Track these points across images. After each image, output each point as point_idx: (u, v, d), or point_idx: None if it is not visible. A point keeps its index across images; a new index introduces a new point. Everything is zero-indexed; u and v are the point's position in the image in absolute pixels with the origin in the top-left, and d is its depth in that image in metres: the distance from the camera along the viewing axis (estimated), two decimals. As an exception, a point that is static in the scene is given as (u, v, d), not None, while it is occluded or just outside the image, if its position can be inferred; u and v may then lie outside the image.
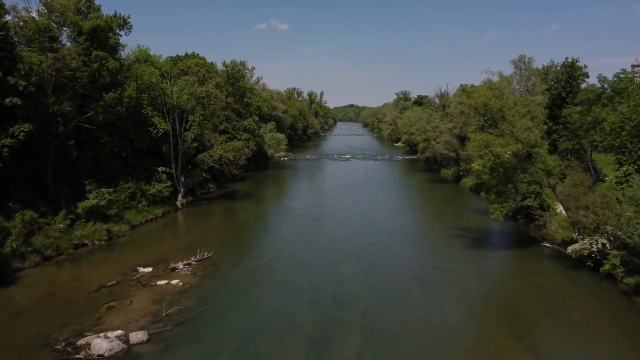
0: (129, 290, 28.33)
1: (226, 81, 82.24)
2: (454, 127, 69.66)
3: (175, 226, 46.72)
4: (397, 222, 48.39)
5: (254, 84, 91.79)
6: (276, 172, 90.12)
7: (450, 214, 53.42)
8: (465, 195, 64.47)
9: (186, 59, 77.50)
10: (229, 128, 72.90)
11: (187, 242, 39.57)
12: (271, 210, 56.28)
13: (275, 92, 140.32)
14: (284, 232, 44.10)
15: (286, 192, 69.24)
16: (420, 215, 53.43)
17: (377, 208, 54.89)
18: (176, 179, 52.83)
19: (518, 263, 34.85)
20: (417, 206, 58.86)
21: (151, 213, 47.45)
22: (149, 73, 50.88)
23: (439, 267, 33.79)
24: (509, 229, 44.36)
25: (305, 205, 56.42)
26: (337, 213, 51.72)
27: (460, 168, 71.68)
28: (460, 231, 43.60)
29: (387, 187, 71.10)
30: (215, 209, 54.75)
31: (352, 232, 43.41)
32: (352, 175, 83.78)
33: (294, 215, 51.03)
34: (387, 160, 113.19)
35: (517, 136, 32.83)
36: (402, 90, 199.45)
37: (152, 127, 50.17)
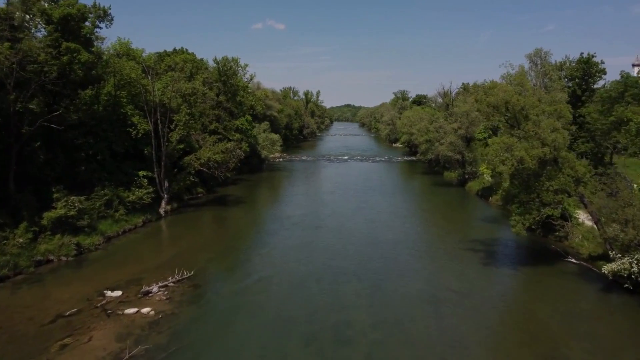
0: (90, 322, 23.84)
1: (217, 79, 77.82)
2: (459, 127, 65.40)
3: (155, 238, 42.18)
4: (401, 232, 44.06)
5: (247, 82, 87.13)
6: (270, 174, 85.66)
7: (458, 223, 49.15)
8: (472, 201, 60.25)
9: (174, 54, 72.93)
10: (219, 128, 68.35)
11: (167, 258, 35.09)
12: (264, 217, 51.83)
13: (270, 91, 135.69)
14: (278, 244, 39.69)
15: (281, 197, 64.81)
16: (426, 224, 49.10)
17: (378, 216, 50.55)
18: (159, 184, 48.30)
19: (542, 283, 30.58)
20: (422, 213, 54.52)
21: (130, 222, 42.91)
22: (129, 68, 46.28)
23: (453, 287, 29.46)
24: (525, 241, 40.10)
25: (302, 212, 52.03)
26: (336, 221, 47.33)
27: (465, 171, 67.43)
28: (471, 243, 39.34)
29: (388, 192, 66.78)
30: (203, 216, 50.25)
31: (352, 244, 39.05)
32: (351, 178, 79.42)
33: (289, 223, 46.63)
34: (386, 162, 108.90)
35: (543, 138, 28.52)
36: (400, 90, 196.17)
37: (131, 127, 45.61)
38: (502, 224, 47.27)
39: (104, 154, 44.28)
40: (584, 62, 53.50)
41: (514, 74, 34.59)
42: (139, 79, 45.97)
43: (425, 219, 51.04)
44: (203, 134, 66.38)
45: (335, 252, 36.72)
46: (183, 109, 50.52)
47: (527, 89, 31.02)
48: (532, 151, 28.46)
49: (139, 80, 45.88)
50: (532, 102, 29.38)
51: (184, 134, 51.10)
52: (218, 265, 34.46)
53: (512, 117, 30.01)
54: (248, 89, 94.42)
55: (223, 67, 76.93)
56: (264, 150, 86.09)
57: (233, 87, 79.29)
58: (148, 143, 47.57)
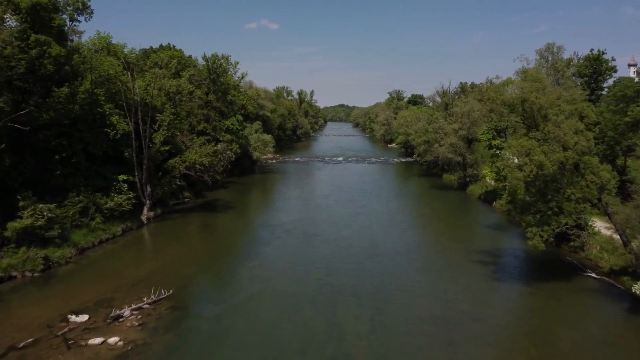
0: (48, 356, 20.42)
1: (207, 77, 74.36)
2: (460, 128, 62.38)
3: (135, 248, 38.65)
4: (402, 241, 40.89)
5: (238, 80, 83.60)
6: (263, 177, 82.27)
7: (462, 230, 46.05)
8: (475, 205, 57.24)
9: (160, 51, 69.29)
10: (208, 129, 64.87)
11: (145, 272, 31.67)
12: (255, 225, 48.46)
13: (262, 90, 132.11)
14: (269, 255, 36.38)
15: (273, 202, 61.45)
16: (427, 231, 45.94)
17: (376, 222, 47.35)
18: (140, 188, 44.78)
19: (562, 303, 27.51)
20: (422, 219, 51.36)
21: (107, 232, 39.41)
22: (108, 64, 42.69)
23: (463, 308, 26.32)
24: (536, 251, 37.05)
25: (295, 219, 48.73)
26: (332, 229, 44.08)
27: (466, 173, 64.44)
28: (478, 254, 36.25)
29: (386, 195, 63.65)
30: (189, 224, 46.76)
31: (350, 256, 35.81)
32: (346, 181, 76.21)
33: (281, 231, 43.33)
34: (382, 163, 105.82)
35: (564, 141, 25.43)
36: (395, 89, 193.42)
37: (110, 127, 42.06)
38: (509, 231, 44.28)
39: (80, 156, 40.68)
40: (593, 59, 50.63)
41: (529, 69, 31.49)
42: (118, 75, 42.36)
43: (426, 226, 47.90)
44: (191, 135, 63.02)
45: (331, 265, 33.45)
46: (167, 108, 47.07)
47: (545, 85, 27.95)
48: (552, 155, 25.37)
49: (118, 77, 42.28)
50: (552, 100, 26.31)
51: (168, 135, 47.66)
52: (201, 282, 31.07)
53: (529, 117, 26.93)
54: (239, 87, 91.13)
55: (212, 64, 73.46)
56: (256, 152, 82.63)
57: (223, 86, 75.86)
58: (129, 145, 44.09)
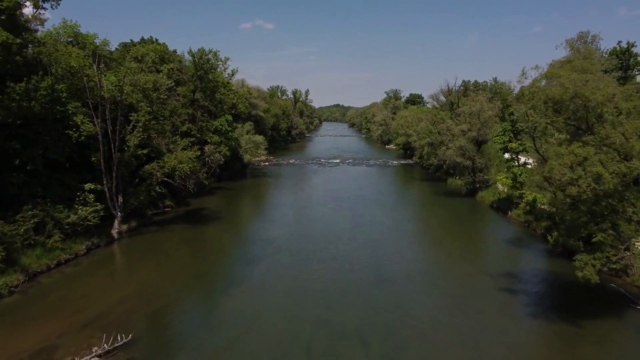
0: None
1: (193, 73, 68.59)
2: (469, 129, 57.02)
3: (99, 272, 32.84)
4: (411, 260, 35.44)
5: (228, 77, 77.80)
6: (254, 181, 76.54)
7: (479, 246, 40.64)
8: (487, 215, 51.83)
9: (141, 44, 63.54)
10: (193, 130, 59.11)
11: (104, 306, 25.99)
12: (243, 239, 42.77)
13: (255, 89, 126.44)
14: (258, 281, 30.77)
15: (265, 211, 55.74)
16: (440, 248, 40.32)
17: (380, 236, 41.87)
18: (110, 199, 39.06)
19: (617, 346, 22.14)
20: (432, 233, 45.77)
21: (67, 251, 33.68)
22: (73, 55, 36.78)
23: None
24: (567, 274, 31.72)
25: (289, 232, 43.17)
26: (330, 245, 38.54)
27: (476, 179, 59.07)
28: (503, 278, 30.86)
29: (388, 203, 58.16)
30: (167, 238, 41.00)
31: (352, 282, 30.27)
32: (344, 186, 70.66)
33: (273, 248, 37.78)
34: (381, 166, 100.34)
35: (627, 148, 20.04)
36: (392, 89, 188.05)
37: (72, 129, 36.29)
38: (531, 247, 38.91)
39: (38, 162, 34.95)
40: (621, 52, 45.32)
41: (575, 59, 26.03)
42: (82, 68, 36.52)
43: (437, 241, 42.36)
44: (174, 137, 57.36)
45: (330, 295, 27.88)
46: (142, 106, 41.35)
47: (598, 78, 22.56)
48: (611, 166, 19.97)
49: (82, 71, 36.46)
50: (608, 95, 20.92)
51: (144, 137, 41.93)
52: (172, 321, 25.35)
53: (580, 118, 21.54)
54: (230, 85, 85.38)
55: (199, 60, 67.62)
56: (247, 154, 76.92)
57: (211, 83, 70.11)
58: (97, 149, 38.36)
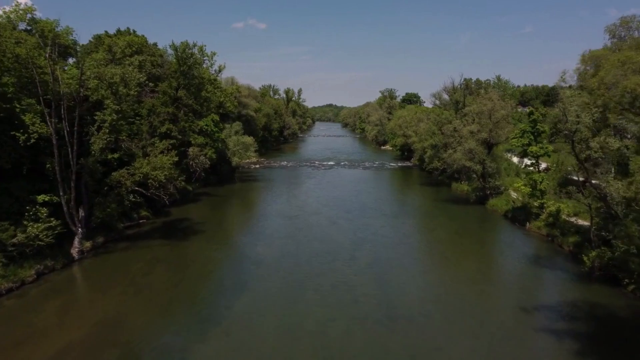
0: None
1: (176, 69, 62.68)
2: (480, 130, 51.66)
3: (49, 305, 26.83)
4: (427, 291, 29.92)
5: (215, 74, 71.94)
6: (243, 186, 70.62)
7: (502, 270, 35.09)
8: (502, 227, 46.45)
9: (117, 36, 57.46)
10: (173, 131, 53.17)
11: (49, 355, 20.16)
12: (227, 260, 36.86)
13: (246, 88, 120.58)
14: (240, 319, 25.10)
15: (253, 222, 49.86)
16: (458, 273, 34.14)
17: (385, 256, 36.35)
18: (68, 212, 33.12)
19: None
20: (445, 252, 39.60)
21: (10, 279, 27.76)
22: (15, 41, 30.77)
23: None
24: (618, 306, 26.40)
25: (279, 251, 37.53)
26: (327, 268, 32.91)
27: (487, 185, 53.71)
28: (542, 314, 25.52)
29: (389, 212, 52.63)
30: (139, 258, 35.04)
31: (357, 323, 24.66)
32: (340, 191, 65.07)
33: (260, 271, 32.15)
34: (378, 169, 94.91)
35: None
36: (387, 88, 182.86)
37: (20, 130, 30.31)
38: (561, 268, 33.57)
39: (-24, 171, 29.06)
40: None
41: (618, 47, 20.61)
42: (31, 58, 30.52)
43: (451, 261, 36.73)
44: (151, 139, 51.48)
45: (331, 341, 22.23)
46: (109, 104, 35.46)
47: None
48: None
49: (31, 60, 30.46)
50: None
51: (111, 140, 36.07)
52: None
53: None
54: (217, 83, 79.47)
55: (182, 54, 61.73)
56: (235, 157, 70.97)
57: (196, 80, 64.27)
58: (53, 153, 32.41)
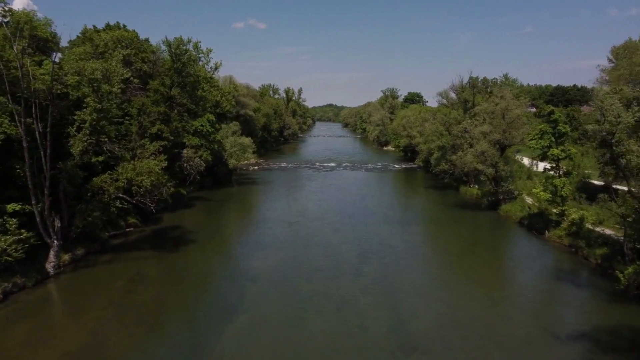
0: None
1: (170, 67, 59.33)
2: (492, 131, 48.30)
3: (15, 331, 23.43)
4: (446, 315, 26.51)
5: (211, 72, 68.59)
6: (241, 189, 67.24)
7: (526, 288, 31.48)
8: (519, 235, 43.05)
9: (105, 31, 54.07)
10: (164, 131, 49.80)
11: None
12: (219, 275, 33.41)
13: (244, 87, 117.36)
14: (229, 354, 21.75)
15: (250, 230, 46.38)
16: (477, 290, 30.10)
17: (396, 272, 33.00)
18: (42, 223, 29.75)
19: None
20: (460, 265, 35.56)
21: (-30, 301, 24.46)
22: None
23: None
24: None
25: (277, 263, 34.18)
26: (331, 286, 29.55)
27: (499, 189, 50.29)
28: (583, 345, 22.13)
29: (396, 219, 49.20)
30: (122, 273, 31.58)
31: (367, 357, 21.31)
32: (343, 195, 61.71)
33: (255, 291, 28.82)
34: (381, 170, 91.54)
35: None
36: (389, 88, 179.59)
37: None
38: (592, 285, 30.17)
39: None
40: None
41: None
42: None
43: (467, 276, 33.09)
44: (141, 140, 48.14)
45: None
46: (89, 102, 32.09)
47: None
48: None
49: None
50: None
51: (92, 142, 32.71)
52: None
53: None
54: (213, 81, 76.14)
55: (176, 50, 58.37)
56: (232, 159, 67.56)
57: (191, 78, 60.92)
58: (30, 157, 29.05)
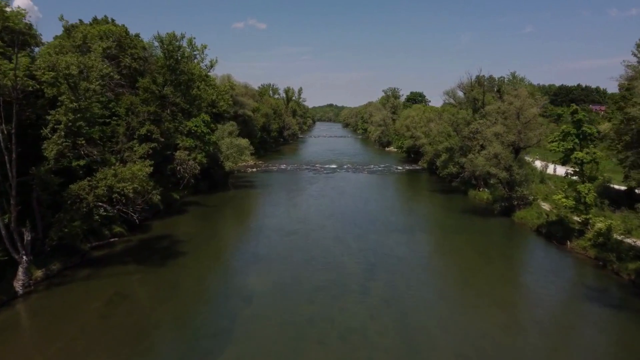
0: None
1: (163, 64, 56.01)
2: (507, 131, 44.91)
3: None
4: (469, 344, 23.11)
5: (207, 69, 65.24)
6: (237, 194, 63.74)
7: (558, 310, 28.15)
8: (538, 245, 39.65)
9: (92, 26, 50.64)
10: (154, 132, 46.35)
11: None
12: (208, 295, 29.98)
13: (243, 86, 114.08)
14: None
15: (244, 241, 42.78)
16: (503, 315, 26.41)
17: (408, 290, 29.61)
18: (8, 237, 26.37)
19: None
20: (478, 281, 31.91)
21: None
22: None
23: None
24: None
25: (274, 281, 30.81)
26: (334, 307, 26.19)
27: (513, 195, 46.85)
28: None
29: (404, 227, 45.74)
30: (98, 293, 28.07)
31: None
32: (345, 200, 58.31)
33: (248, 314, 25.46)
34: (384, 172, 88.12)
35: None
36: (390, 87, 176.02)
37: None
38: (631, 307, 26.71)
39: None
40: None
41: None
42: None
43: (488, 295, 29.55)
44: (129, 142, 44.78)
45: None
46: (64, 100, 28.72)
47: None
48: None
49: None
50: None
51: (68, 145, 29.33)
52: None
53: None
54: (209, 79, 72.77)
55: (168, 46, 55.05)
56: (229, 161, 64.12)
57: (185, 76, 57.53)
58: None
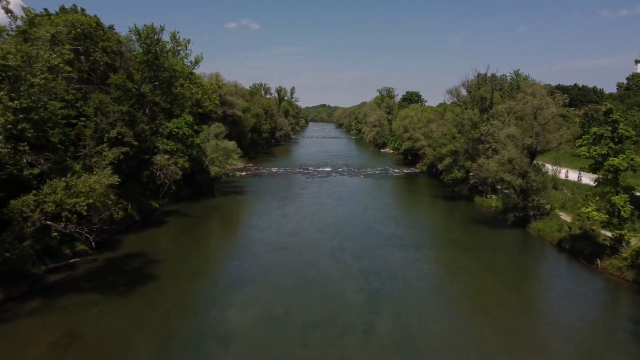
0: None
1: (141, 59, 50.78)
2: (522, 134, 40.22)
3: None
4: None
5: (191, 66, 60.16)
6: (224, 201, 58.47)
7: (598, 348, 23.55)
8: (562, 264, 34.98)
9: (58, 16, 45.34)
10: (126, 135, 41.05)
11: None
12: (175, 344, 25.06)
13: (232, 85, 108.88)
14: None
15: (228, 259, 37.65)
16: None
17: (419, 327, 24.79)
18: None
19: None
20: (501, 313, 27.60)
21: None
22: None
23: None
24: None
25: (259, 319, 25.84)
26: (335, 352, 21.30)
27: (529, 204, 42.14)
28: None
29: (409, 242, 40.88)
30: (45, 333, 22.96)
31: None
32: (341, 209, 53.36)
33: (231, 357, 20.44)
34: (381, 176, 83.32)
35: None
36: (385, 87, 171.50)
37: None
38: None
39: None
40: None
41: None
42: None
43: (515, 333, 25.01)
44: (98, 146, 39.63)
45: None
46: (2, 96, 23.52)
47: None
48: None
49: None
50: None
51: (8, 151, 24.13)
52: None
53: None
54: (194, 77, 67.67)
55: (145, 39, 49.78)
56: (214, 166, 58.93)
57: (166, 73, 52.30)
58: None
